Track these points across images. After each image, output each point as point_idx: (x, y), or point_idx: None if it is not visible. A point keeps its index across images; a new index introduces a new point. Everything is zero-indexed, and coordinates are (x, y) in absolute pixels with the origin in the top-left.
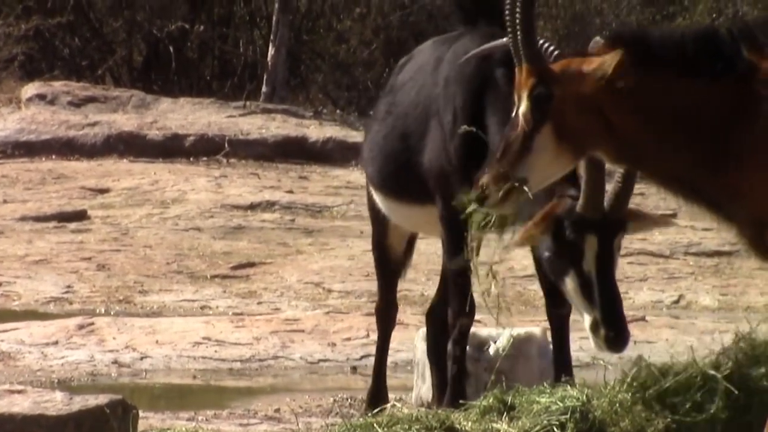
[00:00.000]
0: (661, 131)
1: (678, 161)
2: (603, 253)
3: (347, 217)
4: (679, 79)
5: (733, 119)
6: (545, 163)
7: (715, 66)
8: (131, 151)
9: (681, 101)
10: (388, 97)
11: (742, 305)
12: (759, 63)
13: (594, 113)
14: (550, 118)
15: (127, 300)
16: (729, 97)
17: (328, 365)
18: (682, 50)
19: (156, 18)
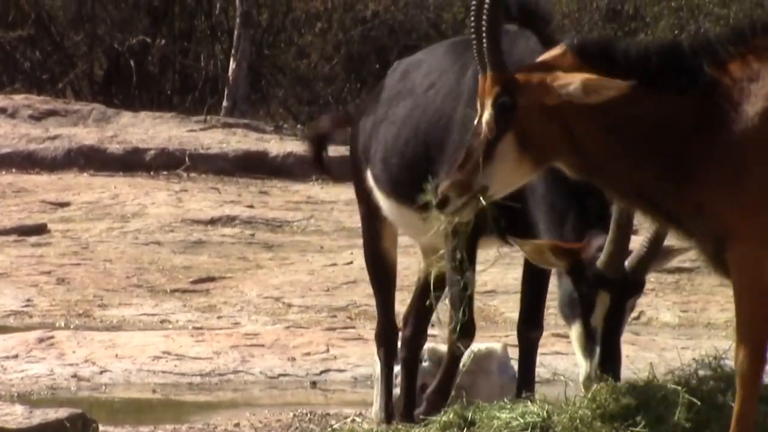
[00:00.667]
0: (624, 144)
1: (640, 175)
2: (614, 313)
3: (307, 232)
4: (643, 93)
5: (695, 133)
6: (506, 172)
7: (678, 80)
8: (92, 164)
9: (644, 114)
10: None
11: (703, 322)
12: (720, 78)
13: (557, 124)
14: (512, 128)
15: (87, 314)
16: (691, 111)
17: (287, 380)
18: (646, 63)
19: (117, 32)
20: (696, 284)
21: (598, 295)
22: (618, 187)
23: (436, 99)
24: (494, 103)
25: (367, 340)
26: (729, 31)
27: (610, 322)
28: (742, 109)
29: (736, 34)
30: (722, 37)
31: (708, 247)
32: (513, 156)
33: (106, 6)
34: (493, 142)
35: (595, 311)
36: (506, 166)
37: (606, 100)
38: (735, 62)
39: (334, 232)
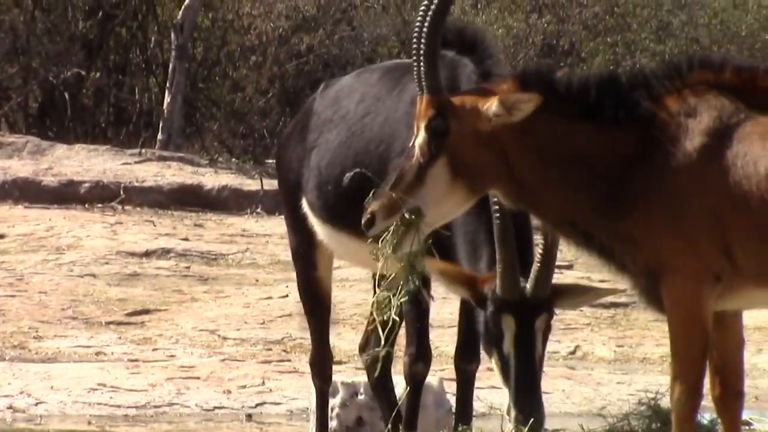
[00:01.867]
0: (559, 174)
1: (574, 206)
2: (521, 336)
3: (242, 264)
4: (580, 123)
5: (631, 166)
6: (438, 197)
7: (615, 112)
8: (26, 197)
9: (580, 145)
10: (339, 127)
11: (639, 357)
12: (657, 111)
13: (491, 151)
14: (444, 152)
15: (21, 345)
16: (627, 143)
17: (223, 412)
18: (584, 94)
19: (52, 64)
20: (632, 319)
21: (502, 320)
22: (552, 217)
23: (373, 126)
24: (427, 126)
25: (303, 373)
26: (666, 65)
27: (520, 347)
28: (679, 143)
29: (672, 68)
30: (659, 72)
31: (641, 280)
32: (444, 181)
33: (41, 39)
34: (425, 165)
35: (505, 337)
36: (437, 191)
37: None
38: (671, 96)
39: (269, 265)
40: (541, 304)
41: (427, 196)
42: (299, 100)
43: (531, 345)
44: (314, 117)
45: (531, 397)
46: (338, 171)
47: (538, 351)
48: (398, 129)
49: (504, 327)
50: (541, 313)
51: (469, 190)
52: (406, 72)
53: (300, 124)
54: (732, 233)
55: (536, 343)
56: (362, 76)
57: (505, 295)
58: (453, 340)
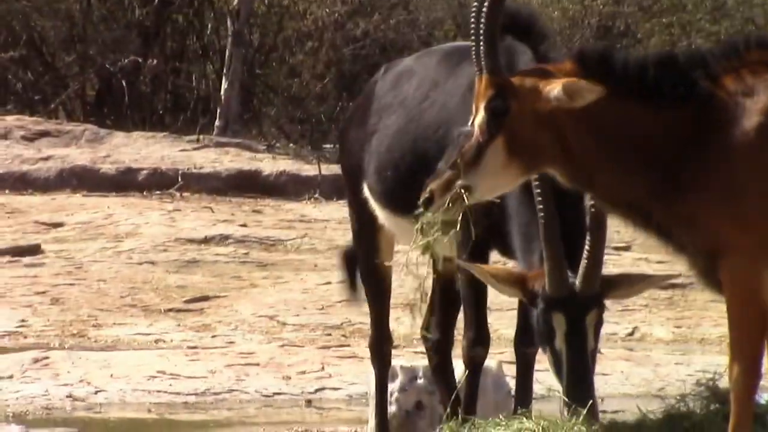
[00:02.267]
0: (617, 155)
1: (631, 186)
2: (573, 332)
3: (301, 250)
4: (638, 103)
5: (688, 147)
6: (494, 174)
7: (673, 92)
8: (85, 185)
9: (638, 125)
10: (398, 113)
11: (697, 337)
12: (715, 91)
13: (549, 131)
14: (503, 132)
15: (81, 334)
16: (685, 124)
17: (282, 398)
18: (642, 73)
19: (109, 52)
20: (689, 300)
21: (553, 318)
22: (609, 198)
23: (431, 111)
24: (487, 106)
25: (362, 358)
26: (723, 45)
27: (572, 343)
28: (736, 123)
29: (730, 48)
30: (716, 51)
31: (699, 261)
32: (501, 159)
33: (98, 26)
34: (484, 144)
35: (556, 334)
36: (494, 169)
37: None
38: (729, 76)
39: (327, 251)
40: (590, 300)
41: (483, 174)
42: (356, 85)
43: (582, 341)
44: (375, 101)
45: (584, 392)
46: (397, 156)
47: (590, 345)
48: (455, 114)
49: (555, 324)
50: (591, 309)
51: (524, 169)
52: (464, 56)
53: (361, 108)
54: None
55: (587, 339)
56: (421, 60)
57: (554, 293)
58: (512, 323)
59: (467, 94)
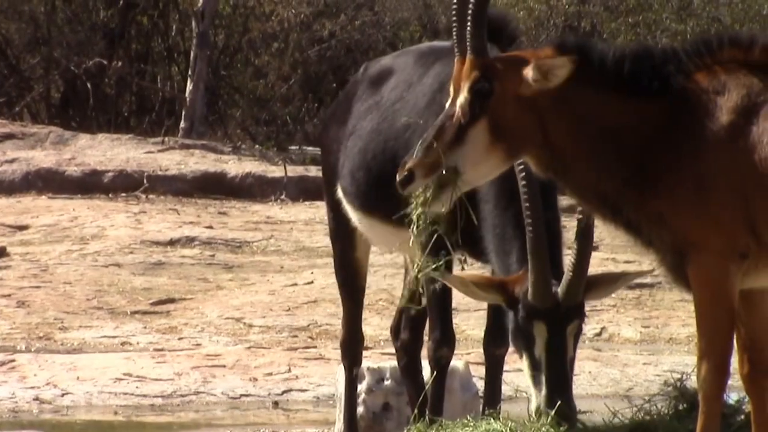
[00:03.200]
0: (591, 145)
1: (604, 178)
2: (553, 341)
3: (267, 252)
4: (613, 94)
5: (660, 141)
6: (477, 158)
7: (647, 85)
8: (50, 187)
9: (612, 115)
10: (373, 114)
11: (665, 337)
12: (688, 87)
13: (531, 116)
14: (487, 114)
15: (47, 336)
16: (657, 117)
17: (249, 400)
18: (619, 66)
19: (74, 54)
20: (657, 300)
21: (534, 326)
22: (582, 190)
23: (403, 113)
24: (471, 87)
25: (329, 360)
26: (697, 42)
27: (552, 352)
28: (707, 119)
29: (703, 45)
30: (690, 48)
31: (667, 258)
32: (484, 142)
33: (62, 29)
34: (466, 126)
35: (536, 342)
36: (477, 152)
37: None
38: (702, 73)
39: (294, 252)
40: (573, 310)
41: (466, 156)
42: (322, 86)
43: (563, 350)
44: (354, 102)
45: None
46: (369, 157)
47: (570, 354)
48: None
49: (535, 333)
50: (573, 320)
51: (506, 153)
52: (438, 56)
53: (340, 107)
54: (758, 211)
55: (568, 348)
56: (399, 59)
57: (538, 303)
58: (478, 324)
59: (437, 95)
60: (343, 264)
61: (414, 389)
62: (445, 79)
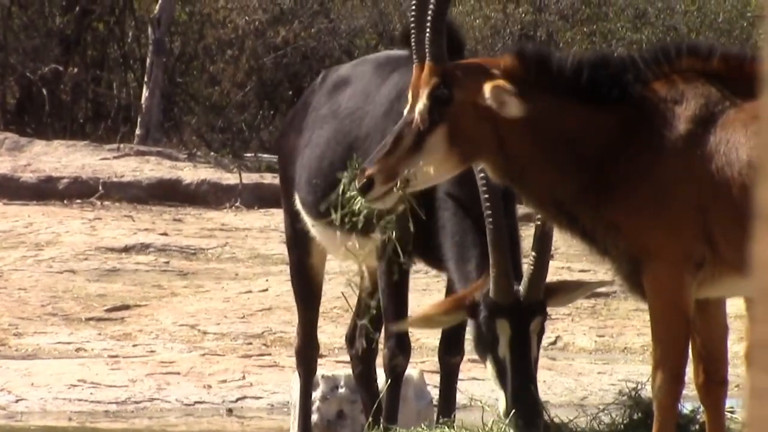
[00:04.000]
0: (548, 153)
1: (560, 186)
2: (517, 339)
3: (222, 259)
4: (571, 102)
5: (617, 150)
6: (433, 164)
7: (605, 94)
8: (5, 193)
9: (570, 124)
10: (330, 123)
11: (620, 346)
12: (646, 96)
13: (487, 123)
14: (445, 121)
15: (1, 342)
16: (615, 126)
17: (204, 407)
18: (577, 74)
19: (29, 60)
20: (612, 309)
21: (497, 325)
22: (539, 197)
23: (360, 122)
24: (431, 94)
25: (283, 367)
26: (655, 51)
27: (515, 350)
28: (665, 128)
29: (662, 54)
30: (649, 57)
31: (623, 266)
32: (441, 148)
33: (18, 35)
34: (424, 132)
35: (499, 341)
36: (433, 157)
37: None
38: (660, 82)
39: (248, 259)
40: (535, 307)
41: (422, 162)
42: (277, 94)
43: (526, 348)
44: (311, 111)
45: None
46: (326, 166)
47: (533, 353)
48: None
49: (498, 331)
50: (536, 316)
51: (461, 159)
52: (396, 66)
53: (298, 116)
54: (714, 220)
55: (531, 346)
56: (357, 69)
57: (500, 300)
58: (433, 332)
59: (395, 104)
60: (299, 272)
61: (369, 397)
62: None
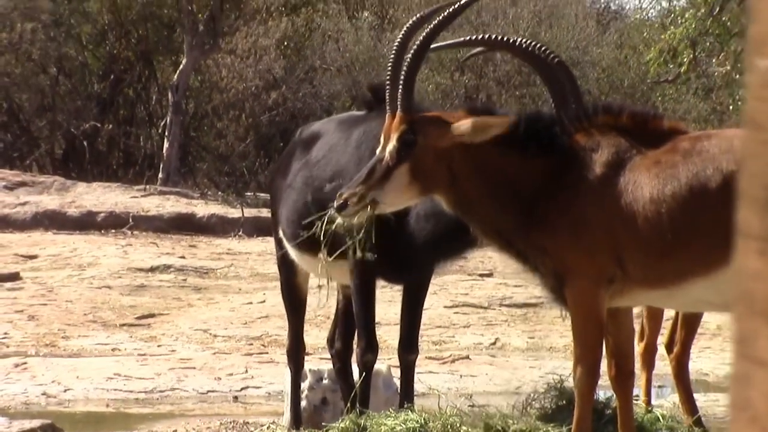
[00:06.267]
0: (492, 190)
1: (501, 217)
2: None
3: (228, 277)
4: (511, 150)
5: (546, 188)
6: (397, 193)
7: (538, 143)
8: (54, 225)
9: (509, 167)
10: (304, 171)
11: (546, 346)
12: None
13: (443, 164)
14: (409, 159)
15: (52, 344)
16: (545, 169)
17: (214, 395)
18: (517, 127)
19: (73, 119)
20: (540, 316)
21: None
22: (483, 225)
23: (327, 168)
24: (399, 138)
25: (278, 363)
26: (577, 110)
27: None
28: (584, 171)
29: (582, 112)
30: (572, 114)
31: (549, 281)
32: (405, 181)
33: (64, 98)
34: (392, 167)
35: None
36: (398, 188)
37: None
38: (581, 134)
39: (249, 277)
40: None
41: (389, 191)
42: (271, 145)
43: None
44: (293, 160)
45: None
46: (301, 204)
47: None
48: (346, 167)
49: None
50: None
51: (421, 190)
52: (354, 123)
53: (282, 164)
54: (623, 245)
55: None
56: (325, 125)
57: None
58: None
59: (355, 152)
60: (287, 287)
61: (346, 387)
62: (362, 139)
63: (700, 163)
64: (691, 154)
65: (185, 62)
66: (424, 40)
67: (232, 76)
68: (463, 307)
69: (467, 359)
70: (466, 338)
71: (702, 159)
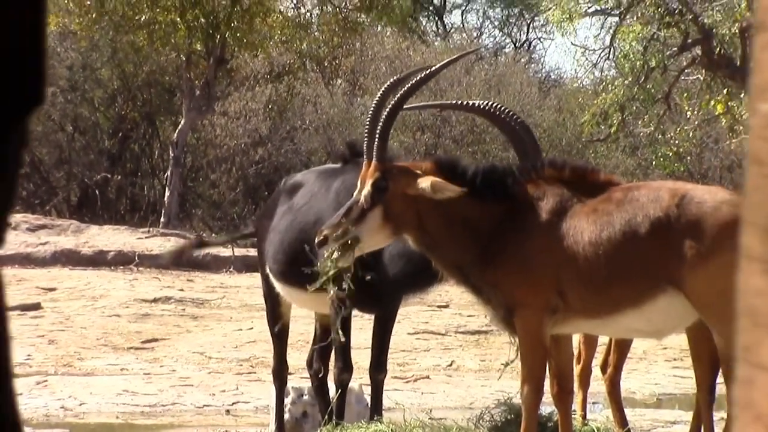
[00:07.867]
0: (453, 231)
1: (460, 255)
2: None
3: (221, 307)
4: (470, 197)
5: (499, 231)
6: (371, 232)
7: (493, 192)
8: (70, 262)
9: (468, 212)
10: (287, 215)
11: (496, 367)
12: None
13: (411, 208)
14: (382, 203)
15: (69, 364)
16: (499, 214)
17: (209, 409)
18: (475, 177)
19: (86, 170)
20: (491, 342)
21: None
22: (444, 261)
23: (309, 213)
24: (373, 184)
25: (265, 381)
26: (526, 164)
27: None
28: (531, 216)
29: (531, 166)
30: (522, 168)
31: (500, 312)
32: (378, 222)
33: (78, 152)
34: (367, 210)
35: None
36: (372, 228)
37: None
38: (530, 184)
39: (239, 308)
40: None
41: (364, 230)
42: (258, 194)
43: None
44: (278, 205)
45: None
46: (286, 245)
47: None
48: (325, 213)
49: None
50: None
51: (392, 231)
52: (332, 175)
53: (268, 209)
54: (565, 281)
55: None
56: (306, 176)
57: None
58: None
59: (334, 199)
60: (273, 316)
61: (323, 403)
62: (340, 189)
63: (632, 211)
64: (624, 203)
65: (184, 122)
66: (399, 99)
67: (225, 135)
68: (423, 334)
69: (427, 379)
70: (426, 360)
71: (633, 207)
